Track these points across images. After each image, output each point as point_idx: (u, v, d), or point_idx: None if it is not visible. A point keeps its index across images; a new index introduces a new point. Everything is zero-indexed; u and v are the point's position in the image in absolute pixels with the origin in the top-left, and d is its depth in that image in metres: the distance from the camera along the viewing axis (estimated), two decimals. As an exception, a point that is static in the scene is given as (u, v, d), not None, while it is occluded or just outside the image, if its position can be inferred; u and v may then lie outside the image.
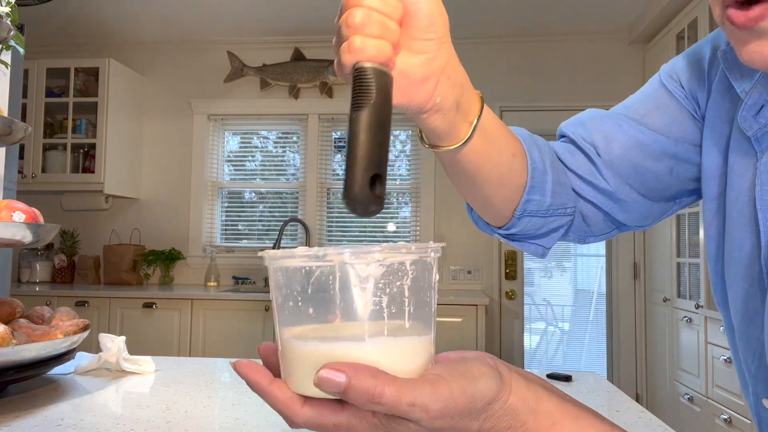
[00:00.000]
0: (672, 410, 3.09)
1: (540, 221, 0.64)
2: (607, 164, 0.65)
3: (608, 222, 0.69)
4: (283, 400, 0.37)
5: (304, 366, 0.37)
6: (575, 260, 3.96)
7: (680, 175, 0.65)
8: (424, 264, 0.38)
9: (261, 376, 0.38)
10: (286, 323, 0.39)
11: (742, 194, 0.55)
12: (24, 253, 3.80)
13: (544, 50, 3.72)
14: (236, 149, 4.06)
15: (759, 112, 0.54)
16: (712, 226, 0.61)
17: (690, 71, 0.64)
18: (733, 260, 0.56)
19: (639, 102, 0.67)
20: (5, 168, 1.48)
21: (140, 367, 1.19)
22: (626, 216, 0.67)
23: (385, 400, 0.34)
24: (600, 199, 0.66)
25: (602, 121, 0.67)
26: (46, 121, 3.68)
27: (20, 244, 1.01)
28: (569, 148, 0.67)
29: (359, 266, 0.36)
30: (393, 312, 0.37)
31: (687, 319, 2.86)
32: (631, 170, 0.65)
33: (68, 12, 3.52)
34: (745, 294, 0.55)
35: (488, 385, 0.37)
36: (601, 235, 0.71)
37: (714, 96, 0.61)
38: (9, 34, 1.09)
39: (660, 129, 0.64)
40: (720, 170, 0.60)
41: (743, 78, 0.56)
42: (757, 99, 0.54)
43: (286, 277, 0.38)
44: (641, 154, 0.65)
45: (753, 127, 0.54)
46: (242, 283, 3.77)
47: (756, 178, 0.53)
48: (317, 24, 3.66)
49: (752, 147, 0.55)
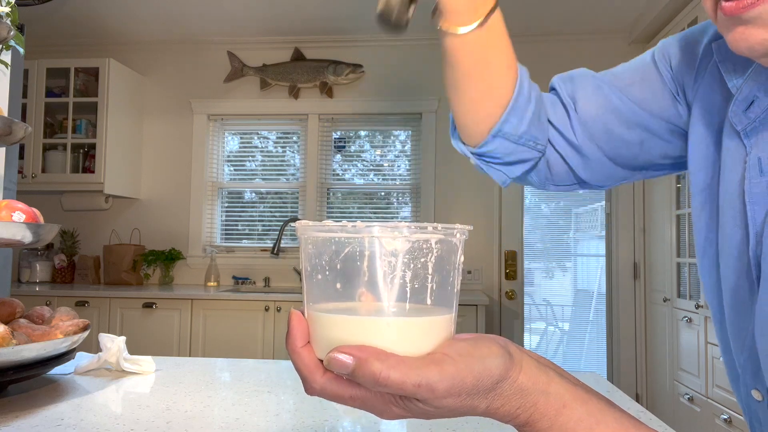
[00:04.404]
0: (672, 410, 3.09)
1: (511, 146, 0.68)
2: (581, 121, 0.69)
3: (570, 175, 0.73)
4: (307, 364, 0.38)
5: (326, 336, 0.38)
6: (575, 260, 3.96)
7: (650, 149, 0.68)
8: (450, 244, 0.40)
9: (300, 335, 0.39)
10: (312, 293, 0.40)
11: (732, 188, 0.56)
12: (24, 253, 3.80)
13: (544, 50, 3.72)
14: (236, 149, 4.06)
15: (749, 107, 0.55)
16: (700, 219, 0.62)
17: (682, 55, 0.65)
18: (723, 252, 0.57)
19: (627, 72, 0.70)
20: (5, 168, 1.48)
21: (140, 367, 1.19)
22: (588, 173, 0.71)
23: (390, 383, 0.35)
24: (567, 151, 0.71)
25: (588, 81, 0.71)
26: (46, 121, 3.68)
27: (20, 244, 1.01)
28: (554, 99, 0.72)
29: (386, 240, 0.37)
30: (416, 288, 0.38)
31: (687, 319, 2.86)
32: (602, 132, 0.69)
33: (68, 12, 3.52)
34: (735, 286, 0.55)
35: (496, 364, 0.37)
36: (561, 185, 0.74)
37: (704, 87, 0.62)
38: (9, 34, 1.09)
39: (639, 101, 0.67)
40: (708, 161, 0.61)
41: (735, 72, 0.57)
42: (748, 94, 0.55)
43: (315, 247, 0.39)
44: (615, 120, 0.68)
45: (743, 122, 0.55)
46: (242, 283, 3.77)
47: (745, 172, 0.54)
48: (317, 24, 3.66)
49: (741, 141, 0.56)
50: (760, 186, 0.53)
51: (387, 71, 3.83)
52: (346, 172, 3.95)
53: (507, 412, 0.38)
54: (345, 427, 0.88)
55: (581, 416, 0.38)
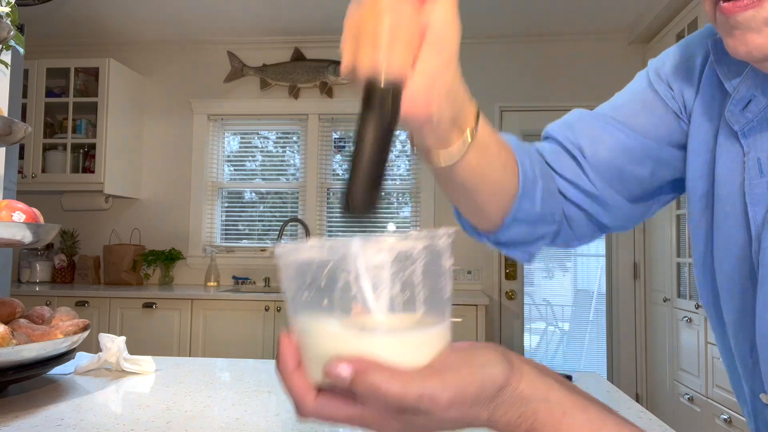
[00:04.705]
0: (672, 410, 3.09)
1: (528, 228, 0.64)
2: (593, 167, 0.65)
3: (591, 225, 0.69)
4: (299, 386, 0.37)
5: (318, 356, 0.37)
6: (575, 260, 3.96)
7: (660, 177, 0.66)
8: (436, 249, 0.38)
9: (291, 357, 0.38)
10: (299, 313, 0.38)
11: (733, 190, 0.56)
12: (24, 253, 3.80)
13: (544, 50, 3.72)
14: (236, 149, 4.06)
15: (746, 106, 0.54)
16: (700, 226, 0.61)
17: (678, 69, 0.64)
18: (726, 255, 0.56)
19: (626, 102, 0.67)
20: (5, 168, 1.48)
21: (140, 367, 1.19)
22: (609, 218, 0.68)
23: (391, 395, 0.34)
24: (585, 202, 0.66)
25: (589, 123, 0.67)
26: (46, 121, 3.68)
27: (20, 244, 1.01)
28: (556, 150, 0.67)
29: (369, 254, 0.35)
30: (406, 300, 0.36)
31: (687, 319, 2.86)
32: (615, 174, 0.65)
33: (68, 12, 3.52)
34: (741, 289, 0.55)
35: (497, 371, 0.36)
36: (584, 238, 0.71)
37: (702, 93, 0.61)
38: (9, 34, 1.09)
39: (645, 131, 0.64)
40: (707, 167, 0.60)
41: (731, 72, 0.57)
42: (745, 93, 0.55)
43: (297, 271, 0.38)
44: (626, 159, 0.65)
45: (740, 122, 0.55)
46: (242, 283, 3.77)
47: (744, 173, 0.54)
48: (317, 24, 3.66)
49: (739, 142, 0.55)
50: (760, 186, 0.53)
51: (387, 71, 3.82)
52: (346, 172, 3.94)
53: (509, 421, 0.37)
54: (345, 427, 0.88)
55: (582, 423, 0.38)
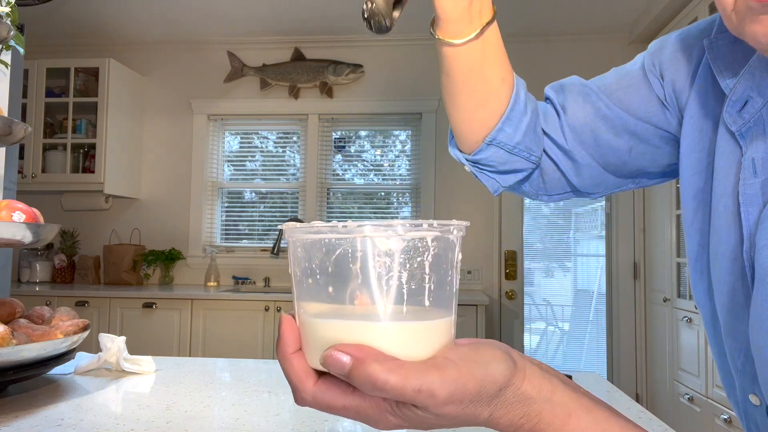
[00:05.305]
0: (672, 410, 3.09)
1: (505, 156, 0.69)
2: (570, 125, 0.70)
3: (563, 183, 0.73)
4: (298, 371, 0.37)
5: (318, 342, 0.36)
6: (575, 260, 3.96)
7: (639, 156, 0.68)
8: (447, 242, 0.37)
9: (292, 341, 0.38)
10: (303, 298, 0.38)
11: (727, 190, 0.56)
12: (24, 253, 3.80)
13: (544, 50, 3.72)
14: (236, 149, 4.06)
15: (743, 107, 0.54)
16: (694, 225, 0.61)
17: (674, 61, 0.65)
18: (719, 255, 0.56)
19: (615, 77, 0.70)
20: (5, 168, 1.48)
21: (140, 367, 1.19)
22: (580, 180, 0.72)
23: (389, 387, 0.33)
24: (559, 156, 0.71)
25: (577, 88, 0.71)
26: (46, 121, 3.68)
27: (20, 244, 1.01)
28: (547, 108, 0.73)
29: (379, 240, 0.35)
30: (413, 289, 0.35)
31: (687, 319, 2.86)
32: (591, 138, 0.69)
33: (68, 12, 3.52)
34: (731, 289, 0.55)
35: (500, 370, 0.35)
36: (554, 194, 0.75)
37: (697, 90, 0.62)
38: (9, 34, 1.09)
39: (625, 106, 0.67)
40: (702, 165, 0.60)
41: (727, 71, 0.56)
42: (742, 94, 0.55)
43: (305, 250, 0.37)
44: (603, 126, 0.68)
45: (737, 123, 0.55)
46: (242, 283, 3.77)
47: (740, 173, 0.54)
48: (317, 24, 3.66)
49: (737, 142, 0.55)
50: (753, 187, 0.52)
51: (387, 71, 3.83)
52: (346, 172, 3.95)
53: (510, 421, 0.36)
54: (345, 427, 0.88)
55: (588, 425, 0.37)
